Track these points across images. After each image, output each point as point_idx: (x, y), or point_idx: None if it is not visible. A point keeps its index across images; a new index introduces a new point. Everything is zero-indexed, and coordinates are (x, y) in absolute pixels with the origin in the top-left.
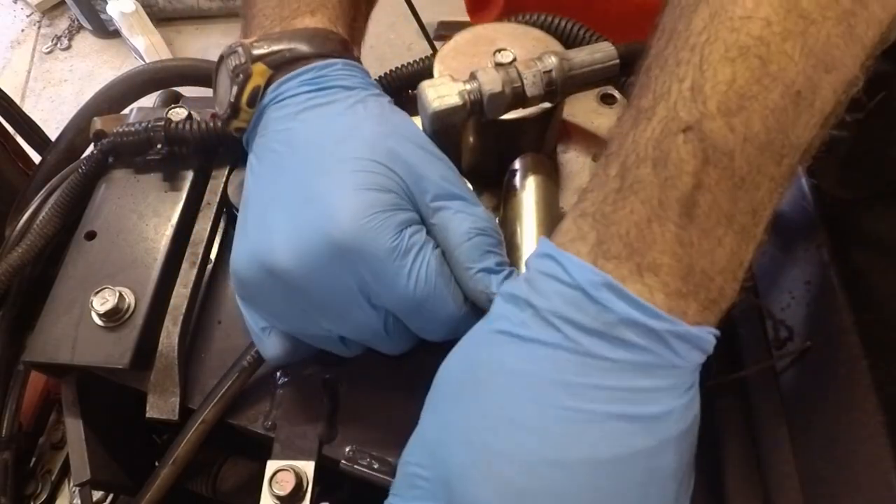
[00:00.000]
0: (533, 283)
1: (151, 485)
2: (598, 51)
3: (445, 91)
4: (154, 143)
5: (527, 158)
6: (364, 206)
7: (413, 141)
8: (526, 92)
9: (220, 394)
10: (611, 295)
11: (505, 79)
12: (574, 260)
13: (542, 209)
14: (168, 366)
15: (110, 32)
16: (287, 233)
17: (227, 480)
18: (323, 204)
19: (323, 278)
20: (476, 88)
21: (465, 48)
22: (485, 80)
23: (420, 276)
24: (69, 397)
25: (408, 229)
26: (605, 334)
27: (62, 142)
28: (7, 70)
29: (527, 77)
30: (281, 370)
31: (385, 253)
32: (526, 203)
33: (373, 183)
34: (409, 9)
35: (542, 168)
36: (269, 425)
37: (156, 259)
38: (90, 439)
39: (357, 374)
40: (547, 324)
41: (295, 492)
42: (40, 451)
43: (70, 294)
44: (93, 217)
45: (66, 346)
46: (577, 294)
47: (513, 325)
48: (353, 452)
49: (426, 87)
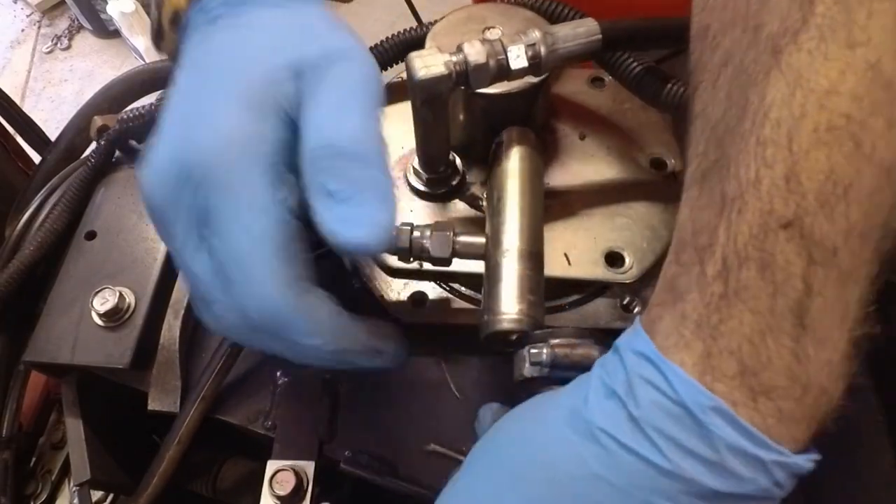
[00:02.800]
0: (632, 387)
1: (157, 467)
2: (580, 25)
3: (432, 61)
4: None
5: (512, 131)
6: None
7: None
8: (510, 64)
9: (216, 368)
10: (720, 420)
11: (490, 51)
12: (679, 373)
13: (525, 178)
14: (170, 359)
15: (110, 32)
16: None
17: (227, 480)
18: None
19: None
20: (462, 60)
21: (457, 26)
22: (470, 52)
23: (253, 229)
24: (69, 397)
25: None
26: (706, 460)
27: (62, 142)
28: (7, 70)
29: (511, 50)
30: (281, 370)
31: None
32: (510, 171)
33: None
34: (409, 9)
35: (527, 139)
36: (269, 425)
37: (156, 259)
38: (90, 439)
39: (357, 375)
40: (644, 436)
41: (295, 492)
42: (40, 451)
43: (70, 294)
44: (93, 217)
45: (66, 346)
46: (680, 412)
47: (605, 423)
48: (353, 452)
49: (413, 58)
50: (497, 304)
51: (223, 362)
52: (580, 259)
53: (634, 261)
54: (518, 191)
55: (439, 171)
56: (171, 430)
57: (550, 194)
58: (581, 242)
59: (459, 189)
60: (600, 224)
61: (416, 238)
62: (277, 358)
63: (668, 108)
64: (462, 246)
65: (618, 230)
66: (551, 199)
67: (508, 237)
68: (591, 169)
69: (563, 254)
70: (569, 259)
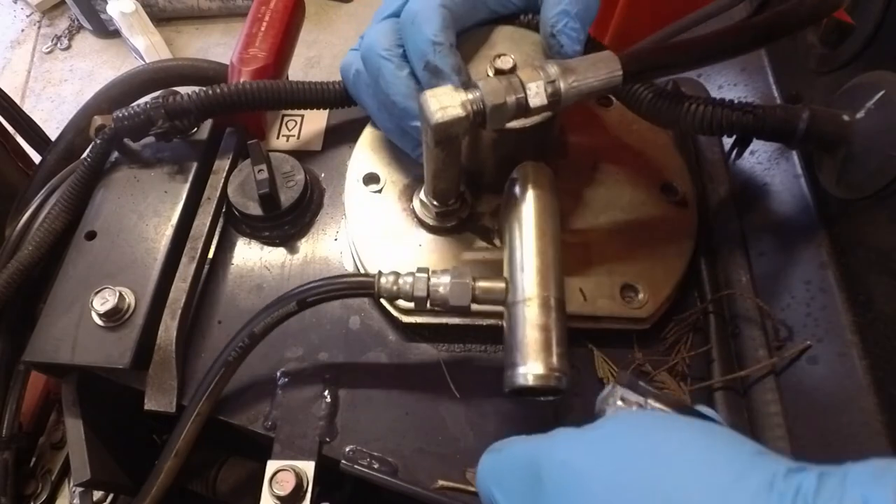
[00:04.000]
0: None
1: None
2: (600, 60)
3: (448, 101)
4: (155, 120)
5: (527, 167)
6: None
7: None
8: (529, 103)
9: (213, 383)
10: None
11: (508, 89)
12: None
13: (542, 220)
14: (166, 359)
15: (110, 32)
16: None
17: (227, 481)
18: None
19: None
20: (478, 98)
21: (464, 50)
22: (487, 91)
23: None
24: (69, 397)
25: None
26: None
27: (62, 142)
28: (7, 70)
29: (530, 88)
30: (281, 370)
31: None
32: (526, 214)
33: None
34: None
35: (542, 177)
36: (269, 425)
37: (156, 259)
38: (90, 439)
39: (357, 375)
40: None
41: (295, 492)
42: (40, 451)
43: (70, 294)
44: (93, 217)
45: (66, 346)
46: None
47: None
48: (353, 452)
49: (428, 97)
50: (521, 358)
51: (218, 380)
52: (595, 294)
53: (649, 295)
54: (535, 235)
55: (449, 203)
56: (168, 442)
57: (563, 227)
58: (595, 276)
59: (469, 221)
60: (614, 256)
61: (433, 287)
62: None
63: (682, 127)
64: (482, 292)
65: (631, 262)
66: (564, 233)
67: (529, 285)
68: (602, 200)
69: (579, 289)
70: (584, 294)
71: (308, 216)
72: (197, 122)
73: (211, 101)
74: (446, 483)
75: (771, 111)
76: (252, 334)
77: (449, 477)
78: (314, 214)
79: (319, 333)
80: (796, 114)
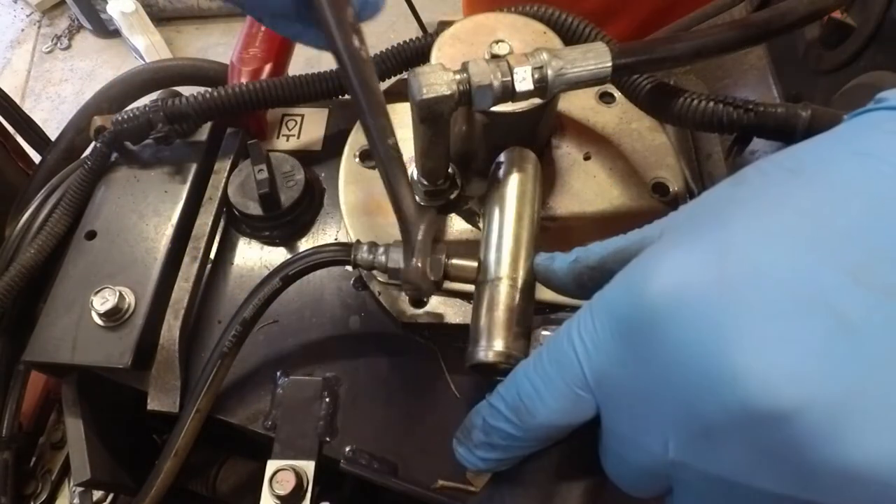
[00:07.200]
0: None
1: (154, 479)
2: (591, 50)
3: (435, 80)
4: (154, 123)
5: (513, 152)
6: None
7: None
8: (515, 87)
9: (211, 376)
10: None
11: (495, 72)
12: None
13: (521, 205)
14: (169, 359)
15: (110, 32)
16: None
17: (227, 481)
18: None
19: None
20: (465, 79)
21: (464, 36)
22: (474, 72)
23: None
24: (69, 397)
25: None
26: None
27: (62, 142)
28: (7, 70)
29: (517, 72)
30: (281, 370)
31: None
32: (506, 197)
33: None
34: (409, 9)
35: (527, 163)
36: (269, 425)
37: (156, 259)
38: (90, 439)
39: (357, 374)
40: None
41: (295, 492)
42: (40, 451)
43: (70, 294)
44: (93, 217)
45: (66, 345)
46: None
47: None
48: (353, 452)
49: (416, 75)
50: (484, 335)
51: (216, 372)
52: None
53: None
54: (513, 218)
55: (438, 183)
56: (169, 441)
57: (549, 217)
58: None
59: (457, 203)
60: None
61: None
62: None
63: (681, 122)
64: (454, 269)
65: None
66: (549, 222)
67: (499, 266)
68: (592, 191)
69: None
70: None
71: (308, 216)
72: (196, 126)
73: (210, 104)
74: (446, 483)
75: (771, 109)
76: (244, 321)
77: (449, 477)
78: (314, 214)
79: (319, 333)
80: (797, 113)
